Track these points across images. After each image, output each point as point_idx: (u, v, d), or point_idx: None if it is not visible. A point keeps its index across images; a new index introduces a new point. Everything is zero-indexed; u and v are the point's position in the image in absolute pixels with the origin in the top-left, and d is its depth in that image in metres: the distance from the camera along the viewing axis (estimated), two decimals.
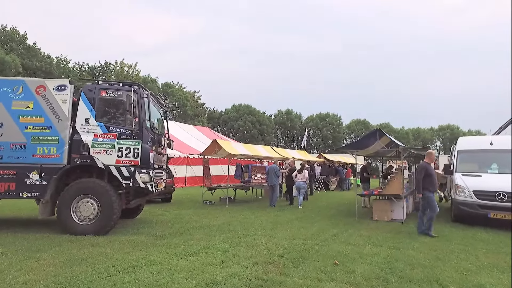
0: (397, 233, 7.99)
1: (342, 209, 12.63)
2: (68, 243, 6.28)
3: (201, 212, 11.30)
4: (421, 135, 60.47)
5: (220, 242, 6.73)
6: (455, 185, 9.89)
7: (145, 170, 7.43)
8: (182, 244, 6.44)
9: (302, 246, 6.49)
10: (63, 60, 39.17)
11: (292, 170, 13.97)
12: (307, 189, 14.40)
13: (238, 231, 7.91)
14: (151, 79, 47.03)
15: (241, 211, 11.53)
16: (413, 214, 11.35)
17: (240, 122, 51.61)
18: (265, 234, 7.64)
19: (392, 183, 10.20)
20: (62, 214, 7.01)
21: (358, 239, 7.20)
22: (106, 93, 7.55)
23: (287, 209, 12.23)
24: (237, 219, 9.91)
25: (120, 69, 44.44)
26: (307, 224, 9.04)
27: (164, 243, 6.55)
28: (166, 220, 9.42)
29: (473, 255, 6.10)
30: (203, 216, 10.29)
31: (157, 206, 12.54)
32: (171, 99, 49.02)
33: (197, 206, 12.95)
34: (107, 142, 7.28)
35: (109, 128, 7.37)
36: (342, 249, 6.26)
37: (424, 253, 6.12)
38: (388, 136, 10.33)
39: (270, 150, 16.50)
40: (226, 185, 14.16)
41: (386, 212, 9.98)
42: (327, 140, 56.08)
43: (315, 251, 6.15)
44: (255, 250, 6.10)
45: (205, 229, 8.15)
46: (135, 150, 7.34)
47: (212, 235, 7.48)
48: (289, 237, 7.28)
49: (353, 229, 8.38)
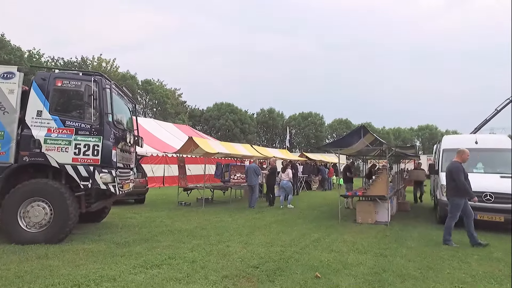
0: (382, 238, 7.46)
1: (324, 210, 12.09)
2: (10, 255, 5.41)
3: (175, 214, 10.53)
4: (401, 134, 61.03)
5: (188, 250, 6.01)
6: (441, 185, 9.45)
7: (106, 169, 6.63)
8: (145, 254, 5.69)
9: (280, 254, 5.84)
10: (35, 54, 37.31)
11: (273, 170, 13.34)
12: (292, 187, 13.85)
13: (211, 237, 7.21)
14: (130, 75, 45.59)
15: (218, 213, 10.82)
16: (397, 215, 10.91)
17: (221, 121, 50.69)
18: (241, 240, 6.96)
19: (377, 183, 9.70)
20: (7, 220, 6.10)
21: (341, 245, 6.61)
22: (63, 83, 6.69)
23: (266, 211, 11.59)
24: (212, 222, 9.21)
25: (98, 64, 42.79)
26: (287, 228, 8.41)
27: (124, 252, 5.78)
28: (134, 224, 8.62)
29: (465, 263, 5.59)
30: (176, 219, 9.54)
31: (129, 208, 11.69)
32: (151, 97, 47.66)
33: (171, 207, 12.15)
34: (62, 138, 6.43)
35: (65, 122, 6.52)
36: (324, 258, 5.65)
37: (414, 261, 5.57)
38: (372, 134, 9.83)
39: (250, 149, 15.83)
40: (202, 185, 13.40)
41: (370, 214, 9.47)
42: (309, 140, 55.81)
43: (294, 260, 5.51)
44: (227, 260, 5.41)
45: (174, 235, 7.41)
46: (95, 147, 6.53)
47: (182, 241, 6.74)
48: (266, 244, 6.62)
49: (336, 234, 7.80)
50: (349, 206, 12.51)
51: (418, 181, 15.05)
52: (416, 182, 15.11)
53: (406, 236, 7.65)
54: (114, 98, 7.18)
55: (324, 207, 12.88)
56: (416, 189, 15.20)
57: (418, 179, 14.97)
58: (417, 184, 15.12)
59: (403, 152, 13.33)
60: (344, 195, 10.70)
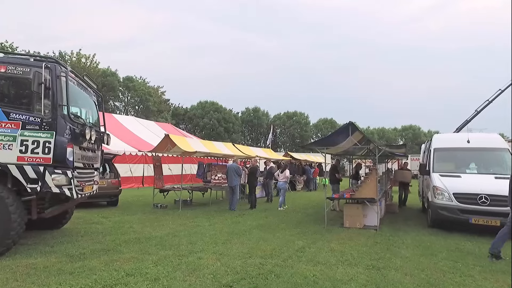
0: (373, 245, 6.77)
1: (309, 213, 11.39)
2: None
3: (148, 218, 9.64)
4: (385, 134, 61.29)
5: (153, 264, 5.16)
6: (434, 186, 8.88)
7: (60, 170, 5.72)
8: (99, 270, 4.82)
9: (258, 268, 5.06)
10: (8, 47, 35.50)
11: (253, 169, 12.56)
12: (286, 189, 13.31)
13: (182, 246, 6.37)
14: (111, 72, 43.97)
15: (195, 217, 9.98)
16: (386, 218, 10.29)
17: (206, 120, 49.66)
18: (215, 250, 6.14)
19: (366, 184, 9.02)
20: None
21: (328, 256, 5.87)
22: (7, 69, 5.73)
23: (248, 214, 10.80)
24: (187, 227, 8.38)
25: (77, 60, 41.14)
26: (268, 235, 7.63)
27: (76, 268, 4.89)
28: (99, 231, 7.71)
29: (468, 276, 4.94)
30: (148, 224, 8.66)
31: (99, 211, 10.73)
32: (132, 94, 46.19)
33: (146, 211, 11.24)
34: (5, 133, 5.48)
35: (9, 114, 5.57)
36: (309, 272, 4.89)
37: (411, 276, 4.88)
38: (361, 131, 9.17)
39: (231, 148, 15.02)
40: (179, 185, 12.52)
41: (358, 217, 8.80)
42: (294, 139, 55.33)
43: (274, 276, 4.74)
44: (196, 277, 4.61)
45: (141, 244, 6.54)
46: (46, 143, 5.60)
47: (147, 252, 5.89)
48: (244, 255, 5.83)
49: (323, 241, 7.07)
50: (335, 208, 11.84)
51: (403, 183, 13.75)
52: (401, 184, 13.80)
53: (399, 243, 6.98)
54: (71, 88, 6.27)
55: (309, 210, 12.18)
56: (401, 190, 13.86)
57: (404, 180, 13.68)
58: (403, 186, 13.82)
59: (392, 152, 12.75)
60: (331, 197, 10.00)
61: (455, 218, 8.30)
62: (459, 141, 10.29)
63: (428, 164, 10.17)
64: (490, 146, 9.89)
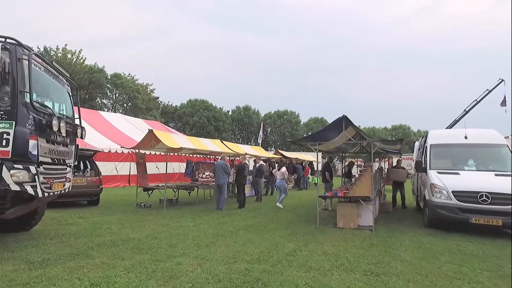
0: (369, 248, 6.24)
1: (300, 213, 10.84)
2: None
3: (128, 218, 8.98)
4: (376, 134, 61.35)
5: (124, 271, 4.55)
6: (431, 184, 8.41)
7: (21, 164, 5.06)
8: (61, 279, 4.19)
9: (244, 275, 4.49)
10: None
11: (240, 167, 11.97)
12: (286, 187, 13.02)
13: (161, 249, 5.77)
14: (98, 68, 42.88)
15: (179, 217, 9.35)
16: (380, 218, 9.80)
17: (195, 118, 48.88)
18: (197, 254, 5.55)
19: (360, 182, 8.51)
20: None
21: (322, 260, 5.32)
22: None
23: (236, 214, 10.21)
24: (170, 228, 7.76)
25: (63, 56, 39.95)
26: (256, 236, 7.06)
27: (33, 277, 4.25)
28: (72, 233, 7.04)
29: (477, 283, 4.44)
30: (127, 225, 8.02)
31: (76, 211, 10.02)
32: (120, 91, 45.15)
33: (128, 210, 10.56)
34: None
35: None
36: (300, 280, 4.33)
37: (415, 283, 4.36)
38: (354, 126, 8.63)
39: (220, 145, 14.39)
40: (164, 184, 11.87)
41: (352, 217, 8.28)
42: (285, 138, 54.98)
43: (261, 284, 4.17)
44: (172, 287, 4.01)
45: (116, 247, 5.92)
46: (3, 135, 4.94)
47: (121, 257, 5.27)
48: (228, 259, 5.25)
49: (315, 243, 6.52)
50: (327, 208, 11.34)
51: (398, 182, 12.76)
52: (395, 183, 12.84)
53: (397, 245, 6.47)
54: (37, 74, 5.62)
55: (300, 209, 11.64)
56: (395, 190, 12.87)
57: (398, 179, 12.67)
58: (397, 185, 12.84)
59: (386, 148, 12.17)
60: (323, 196, 9.47)
61: (454, 217, 7.85)
62: (456, 137, 9.85)
63: (425, 161, 9.72)
64: (488, 142, 9.47)
